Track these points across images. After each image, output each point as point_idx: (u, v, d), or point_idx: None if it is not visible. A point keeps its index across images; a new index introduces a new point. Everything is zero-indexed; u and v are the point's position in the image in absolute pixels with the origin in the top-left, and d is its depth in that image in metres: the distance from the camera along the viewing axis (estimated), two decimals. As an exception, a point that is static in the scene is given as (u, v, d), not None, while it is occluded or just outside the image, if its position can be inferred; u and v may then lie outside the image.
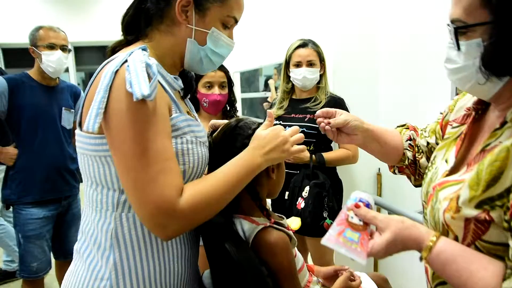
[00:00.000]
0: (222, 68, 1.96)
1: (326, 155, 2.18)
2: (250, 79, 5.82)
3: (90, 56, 7.01)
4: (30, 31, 2.32)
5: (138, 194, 0.83)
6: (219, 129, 1.17)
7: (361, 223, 0.89)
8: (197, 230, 1.15)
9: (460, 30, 0.78)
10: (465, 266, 0.75)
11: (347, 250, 0.85)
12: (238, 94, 5.19)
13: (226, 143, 1.10)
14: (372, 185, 2.77)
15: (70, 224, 2.49)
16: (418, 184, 1.25)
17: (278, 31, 3.60)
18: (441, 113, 1.16)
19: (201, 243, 1.84)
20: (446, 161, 0.96)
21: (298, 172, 2.17)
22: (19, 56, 4.17)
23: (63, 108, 2.39)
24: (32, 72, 2.33)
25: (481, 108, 0.93)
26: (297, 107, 2.30)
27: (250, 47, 4.70)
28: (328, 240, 0.88)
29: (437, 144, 1.12)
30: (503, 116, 0.80)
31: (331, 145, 2.32)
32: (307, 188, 2.08)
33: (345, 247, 0.85)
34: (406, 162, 1.24)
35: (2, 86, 2.19)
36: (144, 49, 0.92)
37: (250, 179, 0.97)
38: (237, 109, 2.11)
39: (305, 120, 2.20)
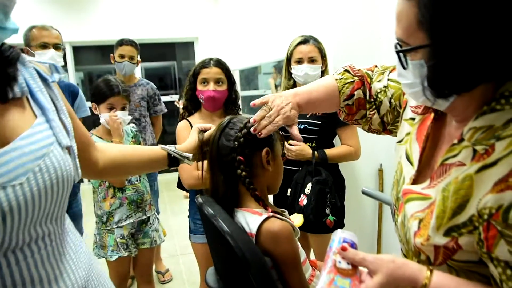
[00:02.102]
0: (217, 65, 1.95)
1: (328, 151, 2.17)
2: (249, 76, 5.81)
3: (89, 56, 6.99)
4: (24, 31, 2.31)
5: None
6: (216, 127, 1.21)
7: (350, 266, 0.85)
8: None
9: (402, 51, 0.78)
10: None
11: None
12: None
13: (220, 138, 1.15)
14: (374, 181, 2.76)
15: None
16: (374, 130, 1.24)
17: (277, 28, 3.59)
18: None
19: (204, 240, 1.85)
20: (411, 162, 0.95)
21: (300, 168, 2.16)
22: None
23: None
24: None
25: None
26: (298, 103, 2.29)
27: (249, 45, 4.69)
28: None
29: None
30: (461, 129, 0.79)
31: (333, 141, 2.32)
32: (309, 185, 2.07)
33: None
34: (341, 117, 1.26)
35: None
36: None
37: None
38: (239, 106, 2.09)
39: (307, 116, 2.20)
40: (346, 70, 1.27)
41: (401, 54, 0.79)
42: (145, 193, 2.15)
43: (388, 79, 1.16)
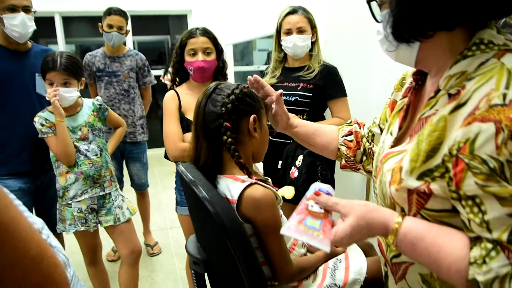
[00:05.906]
0: (205, 34, 1.88)
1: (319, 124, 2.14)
2: (243, 51, 5.73)
3: (80, 27, 6.85)
4: None
5: None
6: (202, 93, 1.18)
7: (322, 211, 0.86)
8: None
9: (376, 1, 0.85)
10: (433, 242, 0.74)
11: (308, 238, 0.81)
12: (231, 68, 5.10)
13: (206, 104, 1.13)
14: (365, 156, 2.75)
15: (53, 202, 2.19)
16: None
17: (271, 1, 3.51)
18: (389, 98, 1.15)
19: (186, 212, 1.84)
20: (391, 133, 0.96)
21: (291, 141, 2.14)
22: None
23: (36, 74, 2.14)
24: None
25: (420, 78, 0.94)
26: (289, 75, 2.25)
27: (243, 18, 4.60)
28: (288, 229, 0.84)
29: None
30: (437, 83, 0.81)
31: (324, 114, 2.29)
32: (300, 157, 2.06)
33: (306, 235, 0.81)
34: (343, 161, 1.26)
35: None
36: None
37: None
38: (227, 75, 2.03)
39: (298, 88, 2.16)
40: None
41: (374, 7, 0.87)
42: (103, 168, 2.06)
43: (375, 117, 1.21)
